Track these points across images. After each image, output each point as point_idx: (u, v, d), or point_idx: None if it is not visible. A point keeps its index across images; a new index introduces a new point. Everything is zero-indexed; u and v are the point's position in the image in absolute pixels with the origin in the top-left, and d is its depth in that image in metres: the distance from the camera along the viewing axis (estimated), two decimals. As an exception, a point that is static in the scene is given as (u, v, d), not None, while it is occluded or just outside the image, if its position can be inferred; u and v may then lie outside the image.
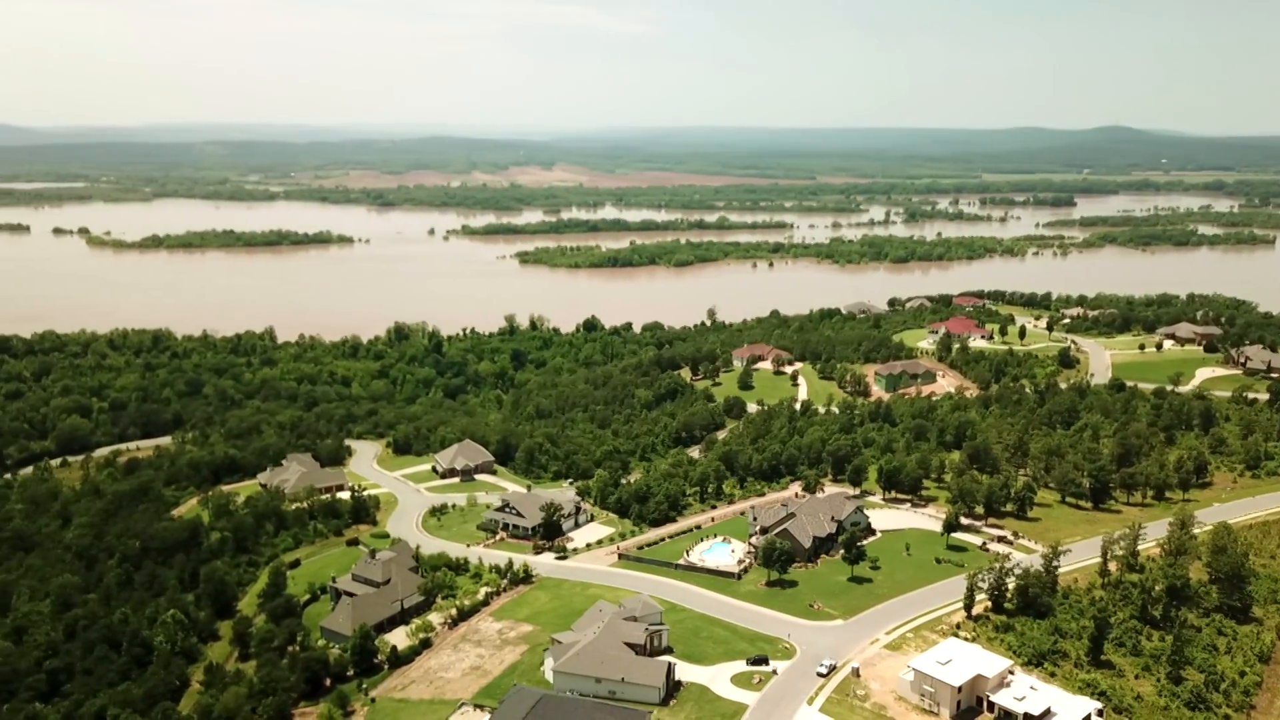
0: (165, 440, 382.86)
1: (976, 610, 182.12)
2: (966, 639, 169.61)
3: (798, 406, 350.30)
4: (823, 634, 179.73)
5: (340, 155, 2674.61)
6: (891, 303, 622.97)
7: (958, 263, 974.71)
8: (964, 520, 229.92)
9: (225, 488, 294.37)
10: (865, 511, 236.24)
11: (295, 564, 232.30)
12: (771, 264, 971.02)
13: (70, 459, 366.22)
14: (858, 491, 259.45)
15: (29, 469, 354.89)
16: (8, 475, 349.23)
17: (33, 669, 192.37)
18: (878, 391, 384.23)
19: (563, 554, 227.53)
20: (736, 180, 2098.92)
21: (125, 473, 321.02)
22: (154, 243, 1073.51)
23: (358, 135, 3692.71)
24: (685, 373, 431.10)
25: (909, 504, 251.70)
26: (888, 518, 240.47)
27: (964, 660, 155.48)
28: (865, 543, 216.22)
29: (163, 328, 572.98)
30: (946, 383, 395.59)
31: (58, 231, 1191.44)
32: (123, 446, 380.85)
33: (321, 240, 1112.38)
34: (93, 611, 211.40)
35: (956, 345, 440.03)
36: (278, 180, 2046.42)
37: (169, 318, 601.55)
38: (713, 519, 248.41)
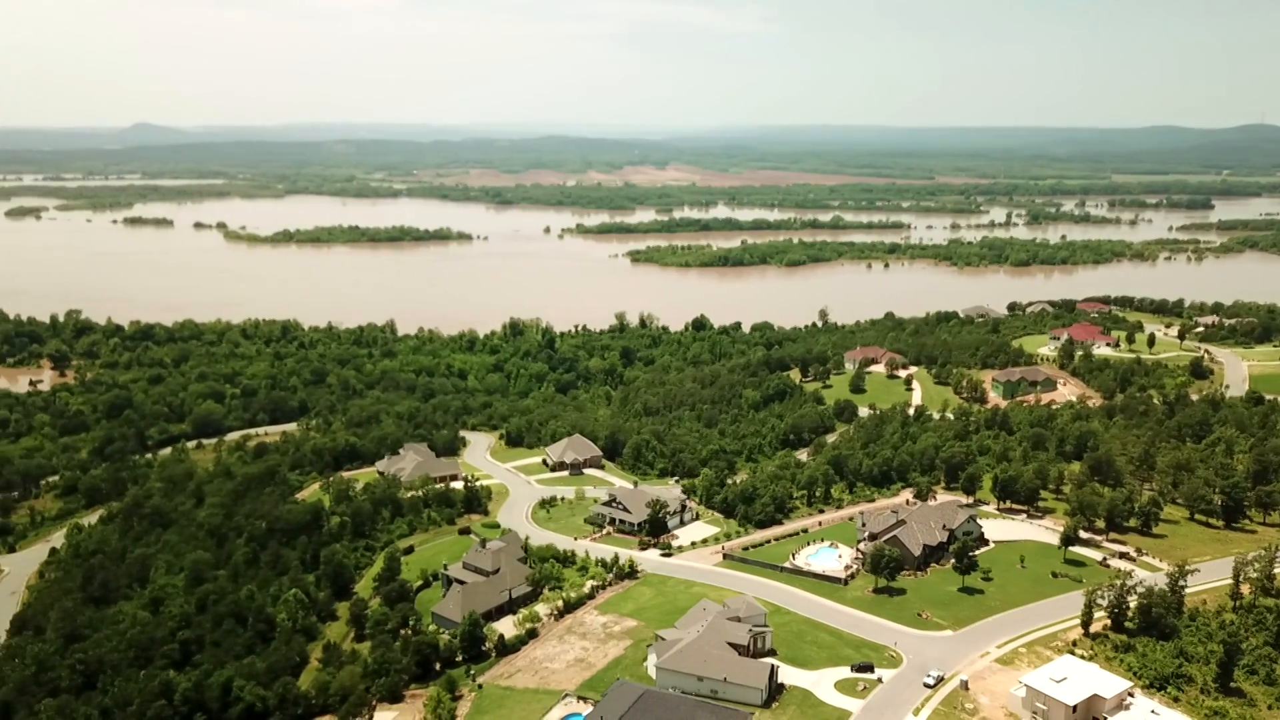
0: (291, 426, 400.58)
1: (1095, 628, 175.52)
2: (1083, 657, 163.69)
3: (911, 411, 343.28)
4: (931, 644, 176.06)
5: (461, 154, 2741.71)
6: (1011, 307, 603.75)
7: (1083, 267, 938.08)
8: (1083, 534, 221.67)
9: (345, 474, 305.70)
10: (978, 521, 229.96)
11: (409, 550, 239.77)
12: (887, 265, 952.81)
13: (205, 442, 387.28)
14: (971, 500, 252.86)
15: (167, 450, 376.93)
16: (149, 455, 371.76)
17: (167, 638, 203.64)
18: (995, 398, 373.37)
19: (668, 551, 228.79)
20: (852, 179, 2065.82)
21: (254, 456, 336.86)
22: (285, 237, 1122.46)
23: (478, 135, 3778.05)
24: (795, 374, 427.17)
25: (1025, 515, 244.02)
26: (1002, 528, 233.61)
27: (1080, 679, 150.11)
28: (977, 553, 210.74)
29: (291, 319, 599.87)
30: (1068, 391, 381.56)
31: (198, 226, 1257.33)
32: (252, 431, 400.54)
33: (442, 237, 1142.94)
34: (222, 587, 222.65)
35: (1080, 352, 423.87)
36: (401, 178, 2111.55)
37: (297, 309, 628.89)
38: (820, 523, 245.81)
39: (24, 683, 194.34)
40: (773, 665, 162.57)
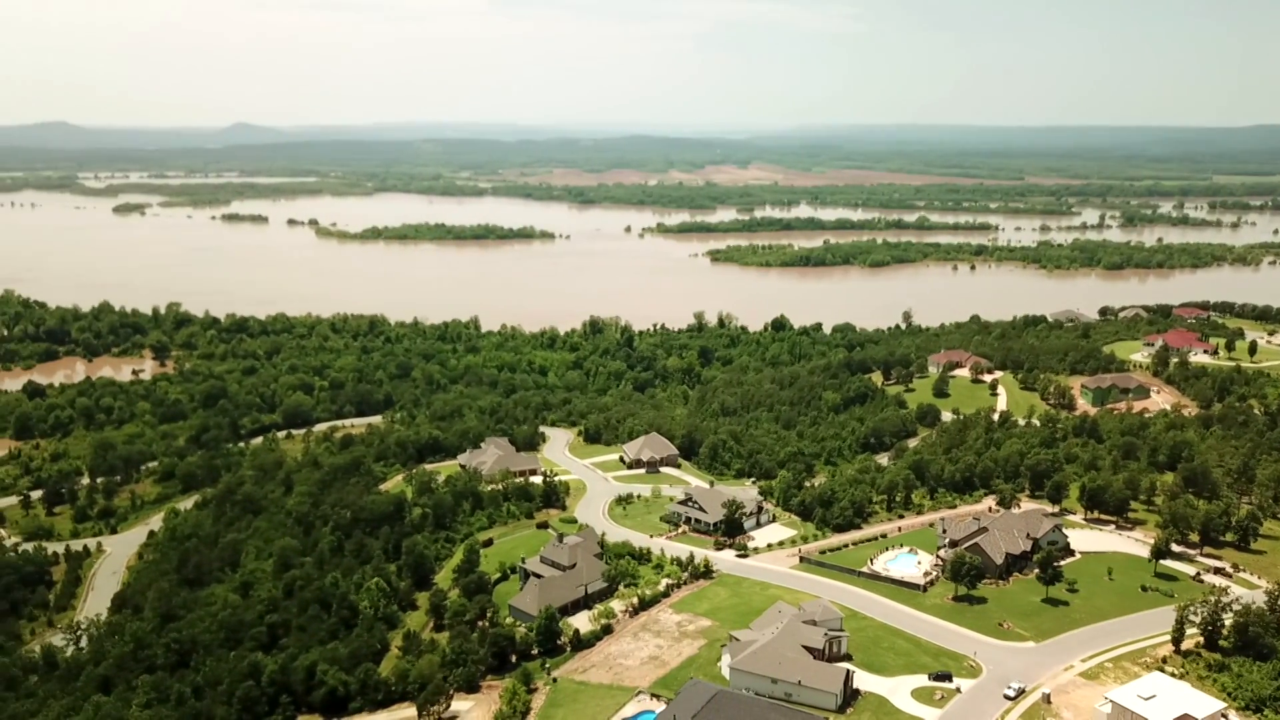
0: (377, 419, 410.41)
1: (1186, 645, 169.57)
2: (1173, 675, 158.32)
3: (996, 417, 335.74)
4: (1012, 655, 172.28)
5: (545, 154, 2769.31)
6: (1103, 312, 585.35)
7: (1180, 271, 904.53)
8: (1175, 547, 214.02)
9: (428, 466, 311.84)
10: (1064, 530, 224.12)
11: (488, 543, 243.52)
12: (973, 267, 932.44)
13: (294, 432, 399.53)
14: (1056, 509, 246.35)
15: (259, 439, 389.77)
16: (241, 444, 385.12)
17: (256, 621, 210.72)
18: (1083, 405, 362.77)
19: (743, 552, 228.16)
20: (938, 179, 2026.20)
21: (341, 447, 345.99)
22: (373, 234, 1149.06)
23: (562, 134, 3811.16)
24: (876, 377, 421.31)
25: (1113, 526, 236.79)
26: (1088, 539, 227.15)
27: (1170, 697, 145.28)
28: (1062, 563, 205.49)
29: (378, 314, 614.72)
30: (1161, 399, 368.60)
31: (291, 223, 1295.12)
32: (339, 423, 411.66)
33: (525, 235, 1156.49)
34: (308, 573, 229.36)
35: (1175, 359, 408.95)
36: (486, 177, 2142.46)
37: (384, 305, 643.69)
38: (899, 528, 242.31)
39: (123, 658, 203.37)
40: (848, 670, 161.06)
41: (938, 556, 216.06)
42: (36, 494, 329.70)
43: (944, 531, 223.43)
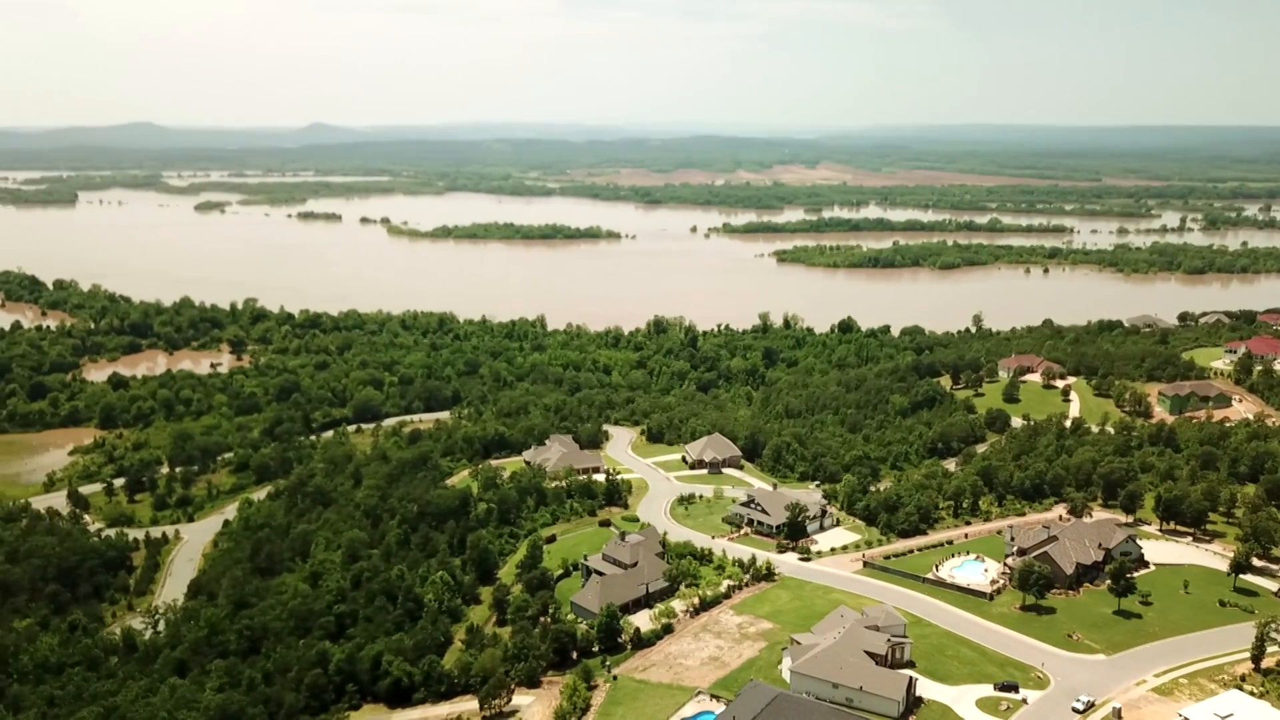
0: (444, 415, 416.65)
1: (1267, 663, 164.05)
2: (1252, 694, 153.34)
3: (1068, 424, 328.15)
4: (1081, 667, 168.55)
5: (613, 154, 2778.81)
6: (1182, 317, 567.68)
7: (1266, 275, 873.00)
8: (1256, 561, 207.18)
9: (494, 462, 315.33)
10: (1138, 541, 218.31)
11: (551, 539, 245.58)
12: (1047, 270, 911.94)
13: (364, 426, 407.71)
14: (1130, 520, 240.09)
15: (330, 433, 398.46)
16: (313, 437, 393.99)
17: (324, 611, 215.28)
18: (1160, 413, 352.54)
19: (806, 555, 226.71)
20: (1011, 180, 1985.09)
21: (409, 442, 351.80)
22: (443, 233, 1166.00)
23: (630, 134, 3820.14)
24: (945, 380, 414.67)
25: (1190, 538, 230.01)
26: (1163, 550, 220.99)
27: (1248, 716, 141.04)
28: (1136, 575, 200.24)
29: (447, 311, 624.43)
30: (1243, 408, 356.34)
31: (364, 221, 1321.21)
32: (408, 418, 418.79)
33: (591, 235, 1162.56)
34: (375, 565, 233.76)
35: (1259, 367, 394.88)
36: (554, 177, 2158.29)
37: (453, 302, 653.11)
38: (966, 535, 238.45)
39: (198, 643, 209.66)
40: (911, 677, 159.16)
41: (1005, 565, 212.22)
42: (119, 482, 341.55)
43: (1012, 539, 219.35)
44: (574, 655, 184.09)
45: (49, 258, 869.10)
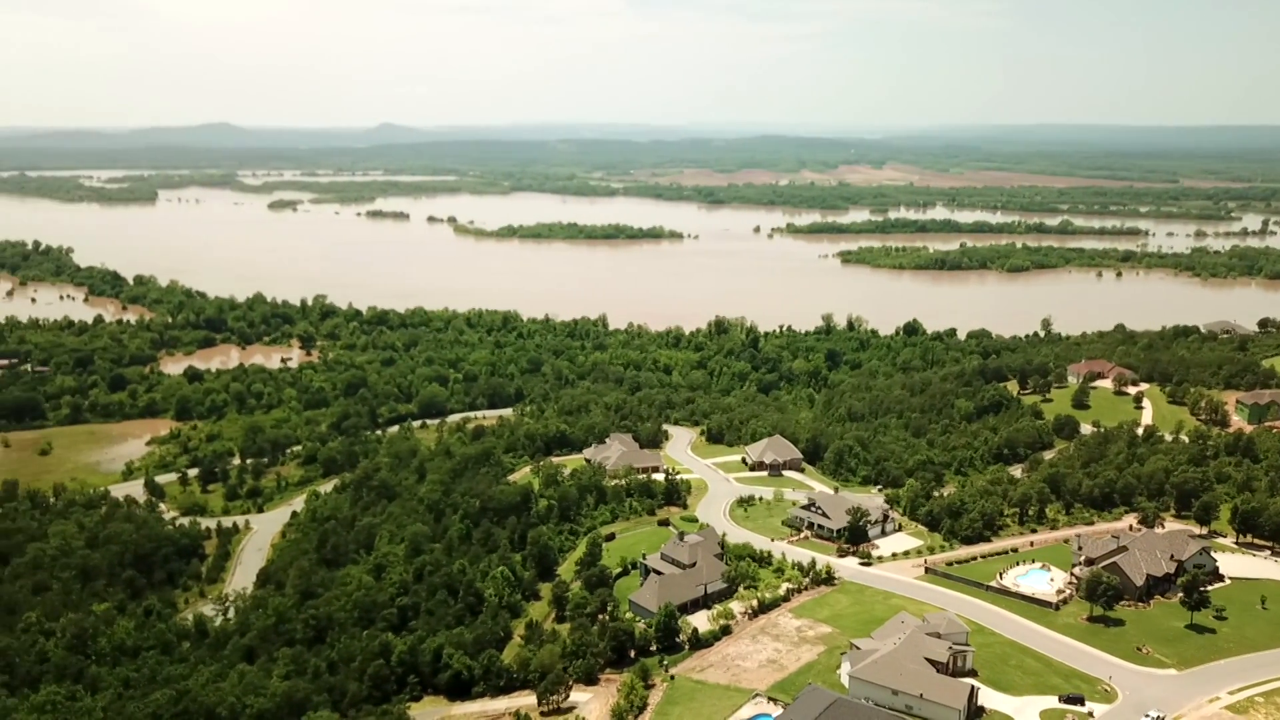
0: (507, 412, 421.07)
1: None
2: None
3: (1140, 431, 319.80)
4: (1151, 681, 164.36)
5: (676, 154, 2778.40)
6: (1263, 323, 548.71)
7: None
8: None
9: (555, 459, 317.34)
10: (1212, 554, 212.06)
11: (610, 537, 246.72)
12: (1119, 273, 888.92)
13: (428, 422, 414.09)
14: (1204, 531, 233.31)
15: (395, 428, 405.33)
16: (379, 432, 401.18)
17: (387, 603, 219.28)
18: (1238, 422, 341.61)
19: (867, 560, 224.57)
20: (1084, 182, 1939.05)
21: (472, 438, 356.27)
22: (508, 232, 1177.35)
23: (694, 135, 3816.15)
24: (1012, 385, 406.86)
25: (1268, 552, 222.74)
26: (1240, 564, 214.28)
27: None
28: (1210, 588, 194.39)
29: (511, 310, 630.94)
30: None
31: (431, 220, 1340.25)
32: (471, 414, 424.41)
33: (654, 235, 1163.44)
34: (437, 559, 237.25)
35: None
36: (618, 177, 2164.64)
37: (517, 301, 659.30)
38: (1031, 543, 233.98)
39: (265, 631, 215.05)
40: (973, 686, 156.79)
41: (1072, 574, 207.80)
42: (193, 472, 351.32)
43: (1079, 548, 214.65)
44: (632, 654, 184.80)
45: (130, 254, 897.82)
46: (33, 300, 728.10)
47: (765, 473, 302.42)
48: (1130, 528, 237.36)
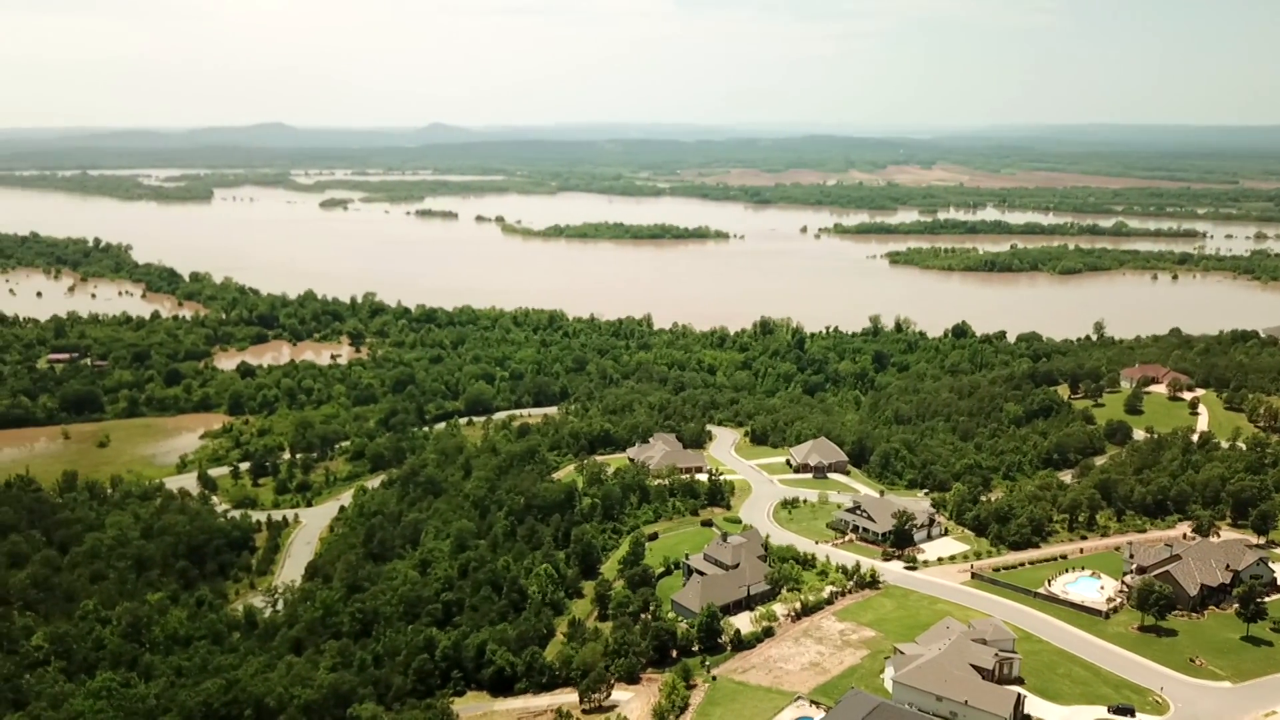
0: (552, 410, 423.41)
1: None
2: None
3: (1195, 438, 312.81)
4: (1204, 694, 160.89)
5: (723, 153, 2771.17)
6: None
7: None
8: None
9: (598, 458, 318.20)
10: (1270, 565, 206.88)
11: (653, 537, 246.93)
12: (1175, 276, 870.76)
13: (475, 419, 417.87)
14: (1262, 541, 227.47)
15: (442, 425, 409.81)
16: (426, 428, 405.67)
17: (432, 598, 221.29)
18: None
19: (912, 564, 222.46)
20: (1139, 183, 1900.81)
21: (518, 436, 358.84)
22: (555, 232, 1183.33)
23: (741, 134, 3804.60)
24: (1063, 389, 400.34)
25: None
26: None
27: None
28: (1267, 600, 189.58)
29: (557, 309, 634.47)
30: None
31: (479, 219, 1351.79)
32: (517, 412, 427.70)
33: (700, 235, 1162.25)
34: (482, 555, 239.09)
35: None
36: (665, 177, 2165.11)
37: (563, 300, 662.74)
38: (1081, 550, 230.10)
39: (313, 623, 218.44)
40: (1019, 694, 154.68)
41: (1123, 582, 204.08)
42: (245, 466, 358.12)
43: (1131, 556, 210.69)
44: (673, 653, 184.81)
45: (186, 251, 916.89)
46: (93, 296, 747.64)
47: (810, 475, 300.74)
48: (1184, 536, 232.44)
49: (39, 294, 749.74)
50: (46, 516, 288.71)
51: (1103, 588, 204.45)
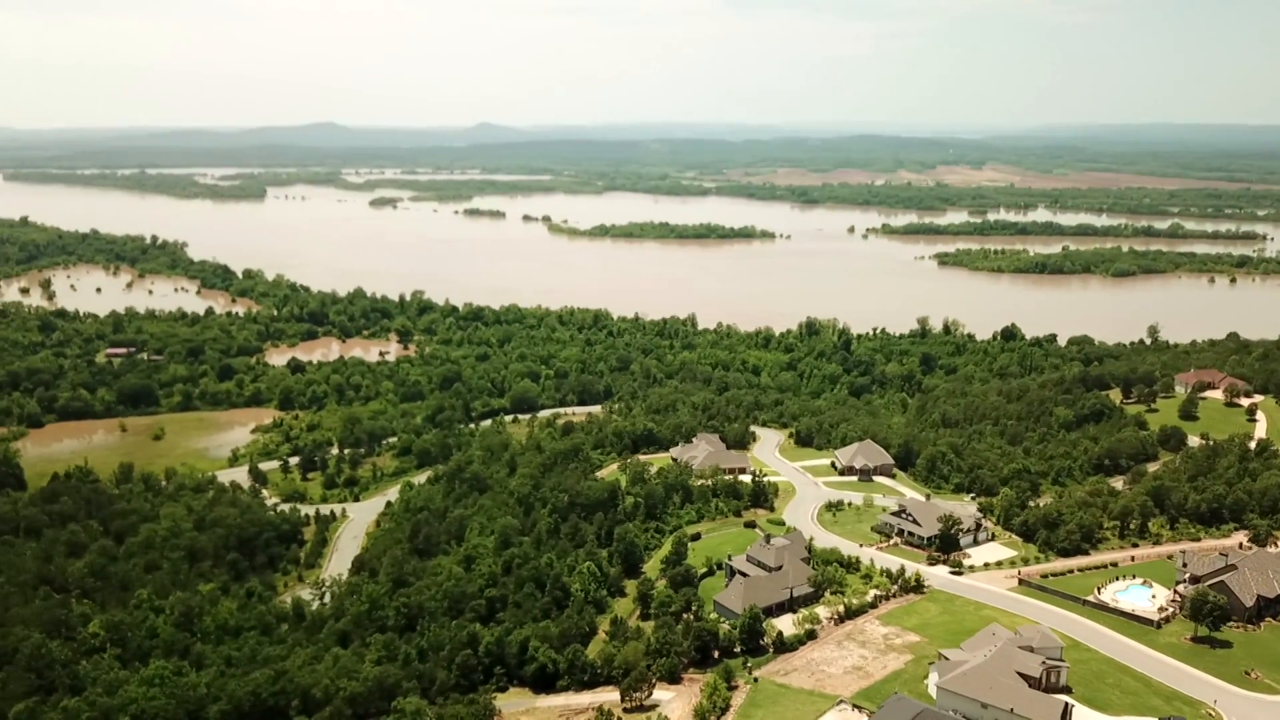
0: (596, 409, 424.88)
1: None
2: None
3: (1253, 445, 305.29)
4: (1260, 708, 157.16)
5: (770, 153, 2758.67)
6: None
7: None
8: None
9: (642, 457, 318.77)
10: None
11: (696, 537, 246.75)
12: (1234, 280, 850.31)
13: (520, 417, 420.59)
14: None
15: (488, 422, 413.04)
16: (472, 425, 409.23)
17: (476, 594, 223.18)
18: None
19: (958, 569, 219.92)
20: (1196, 183, 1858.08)
21: (562, 434, 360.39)
22: (601, 231, 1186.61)
23: (788, 134, 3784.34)
24: (1114, 394, 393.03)
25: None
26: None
27: None
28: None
29: (602, 308, 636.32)
30: None
31: (526, 218, 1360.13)
32: (562, 410, 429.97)
33: (745, 235, 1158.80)
34: (526, 552, 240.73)
35: None
36: (711, 176, 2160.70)
37: (608, 299, 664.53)
38: (1132, 558, 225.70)
39: (359, 617, 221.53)
40: (1066, 703, 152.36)
41: (1175, 592, 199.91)
42: (294, 460, 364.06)
43: (1184, 565, 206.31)
44: (715, 654, 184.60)
45: (240, 248, 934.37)
46: (150, 292, 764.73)
47: (855, 478, 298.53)
48: (1240, 545, 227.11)
49: (98, 290, 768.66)
50: (104, 507, 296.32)
51: (1154, 597, 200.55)
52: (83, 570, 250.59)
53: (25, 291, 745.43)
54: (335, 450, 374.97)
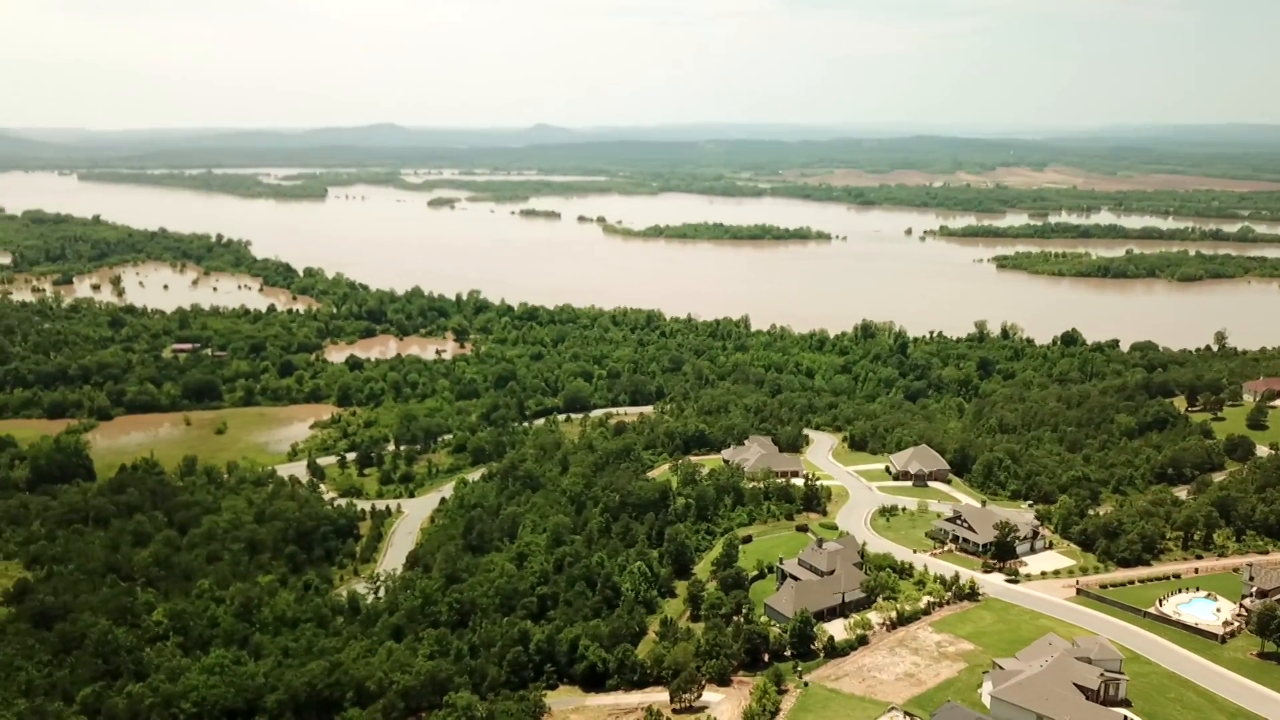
0: (648, 409, 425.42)
1: None
2: None
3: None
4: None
5: (826, 154, 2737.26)
6: None
7: None
8: None
9: (693, 458, 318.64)
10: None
11: (747, 539, 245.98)
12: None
13: (573, 416, 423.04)
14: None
15: (541, 420, 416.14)
16: (525, 424, 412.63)
17: (528, 592, 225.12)
18: None
19: (1014, 577, 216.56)
20: (1269, 185, 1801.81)
21: (614, 433, 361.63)
22: (655, 232, 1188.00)
23: (844, 135, 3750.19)
24: (1179, 401, 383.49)
25: None
26: None
27: None
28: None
29: (655, 309, 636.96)
30: None
31: (581, 219, 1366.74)
32: (614, 410, 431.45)
33: (801, 236, 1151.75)
34: (577, 551, 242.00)
35: None
36: (766, 177, 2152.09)
37: (661, 300, 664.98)
38: (1196, 570, 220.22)
39: (412, 611, 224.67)
40: (1125, 716, 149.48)
41: (1241, 606, 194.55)
42: (351, 456, 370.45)
43: (1251, 579, 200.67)
44: (765, 657, 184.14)
45: (301, 247, 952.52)
46: (214, 289, 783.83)
47: (909, 483, 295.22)
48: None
49: (165, 286, 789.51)
50: (168, 499, 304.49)
51: (1219, 610, 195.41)
52: (148, 560, 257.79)
53: (96, 288, 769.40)
54: (391, 446, 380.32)
